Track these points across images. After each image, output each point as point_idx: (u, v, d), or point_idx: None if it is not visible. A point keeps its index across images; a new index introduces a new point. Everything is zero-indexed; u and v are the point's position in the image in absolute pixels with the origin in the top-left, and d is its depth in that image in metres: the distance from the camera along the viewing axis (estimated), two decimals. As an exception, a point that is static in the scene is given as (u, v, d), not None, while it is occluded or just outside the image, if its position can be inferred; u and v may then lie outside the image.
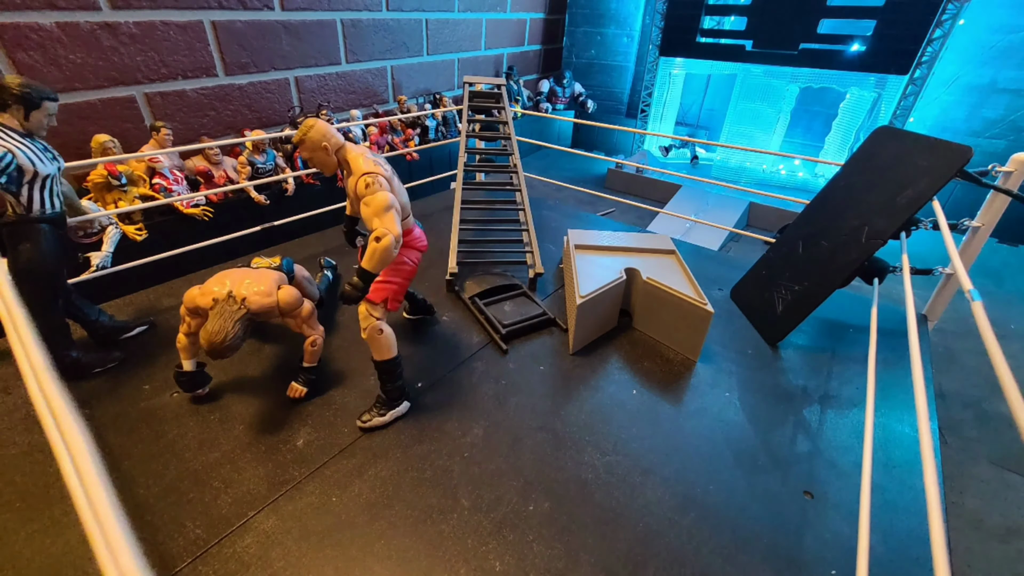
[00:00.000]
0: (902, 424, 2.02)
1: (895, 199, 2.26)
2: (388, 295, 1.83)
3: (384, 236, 1.60)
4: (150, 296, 2.63)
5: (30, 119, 1.75)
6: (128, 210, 3.30)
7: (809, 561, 1.49)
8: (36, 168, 1.75)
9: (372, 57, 5.57)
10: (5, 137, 1.68)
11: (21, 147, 1.71)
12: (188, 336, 1.89)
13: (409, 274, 1.92)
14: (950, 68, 5.96)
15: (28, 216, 1.77)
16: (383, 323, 1.81)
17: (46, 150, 1.82)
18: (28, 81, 1.74)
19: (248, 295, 1.79)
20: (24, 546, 1.42)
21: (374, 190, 1.66)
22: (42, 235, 1.80)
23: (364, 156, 1.74)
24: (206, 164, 4.00)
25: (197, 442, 1.77)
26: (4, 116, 1.72)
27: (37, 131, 1.79)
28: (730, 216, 6.08)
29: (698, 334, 2.27)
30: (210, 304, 1.77)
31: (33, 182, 1.76)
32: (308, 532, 1.48)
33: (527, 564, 1.43)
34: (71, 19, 3.36)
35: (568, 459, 1.78)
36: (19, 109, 1.72)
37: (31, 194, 1.76)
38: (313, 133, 1.70)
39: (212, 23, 4.07)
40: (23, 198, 1.75)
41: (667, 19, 7.25)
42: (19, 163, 1.69)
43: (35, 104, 1.74)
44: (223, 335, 1.67)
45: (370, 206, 1.65)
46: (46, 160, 1.80)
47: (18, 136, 1.72)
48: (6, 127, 1.71)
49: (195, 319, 1.86)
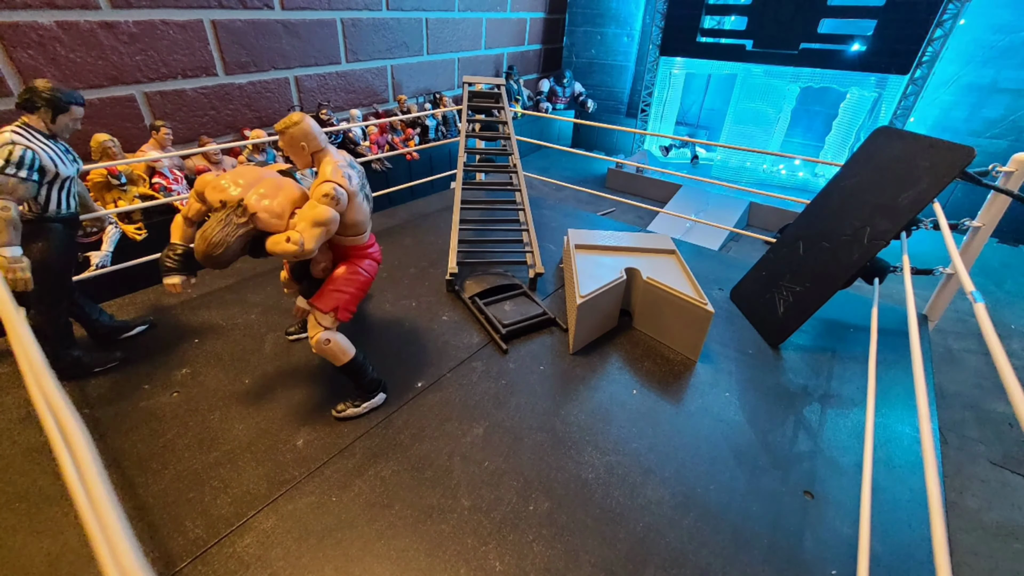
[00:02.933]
0: (902, 424, 2.02)
1: (897, 200, 2.26)
2: (339, 304, 1.78)
3: (296, 244, 1.57)
4: (150, 296, 2.63)
5: (56, 122, 1.77)
6: (128, 209, 3.29)
7: (809, 561, 1.49)
8: (58, 169, 1.76)
9: (372, 56, 5.56)
10: (29, 137, 1.69)
11: (45, 148, 1.72)
12: (186, 220, 1.75)
13: (364, 285, 1.88)
14: (951, 68, 5.96)
15: (43, 215, 1.78)
16: (331, 332, 1.78)
17: (67, 152, 1.84)
18: (58, 85, 1.76)
19: (259, 210, 1.60)
20: (24, 546, 1.42)
21: (324, 202, 1.62)
22: (55, 235, 1.82)
23: (336, 165, 1.69)
24: (206, 163, 4.00)
25: (196, 442, 1.77)
26: (32, 118, 1.73)
27: (61, 134, 1.81)
28: (730, 216, 6.08)
29: (698, 334, 2.26)
30: (217, 204, 1.61)
31: (53, 183, 1.77)
32: (308, 532, 1.48)
33: (527, 564, 1.43)
34: (71, 18, 3.36)
35: (568, 459, 1.77)
36: (47, 112, 1.74)
37: (49, 194, 1.77)
38: (295, 129, 1.67)
39: (212, 22, 4.07)
40: (40, 198, 1.76)
41: (667, 19, 7.25)
42: (42, 163, 1.71)
43: (63, 108, 1.76)
44: (222, 248, 1.52)
45: (308, 212, 1.62)
46: (67, 162, 1.82)
47: (42, 137, 1.74)
48: (32, 128, 1.73)
49: (199, 205, 1.73)
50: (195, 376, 2.08)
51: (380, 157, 4.90)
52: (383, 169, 5.21)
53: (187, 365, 2.14)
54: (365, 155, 4.93)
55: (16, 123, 1.70)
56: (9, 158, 1.62)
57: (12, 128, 1.68)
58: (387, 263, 3.06)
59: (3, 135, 1.64)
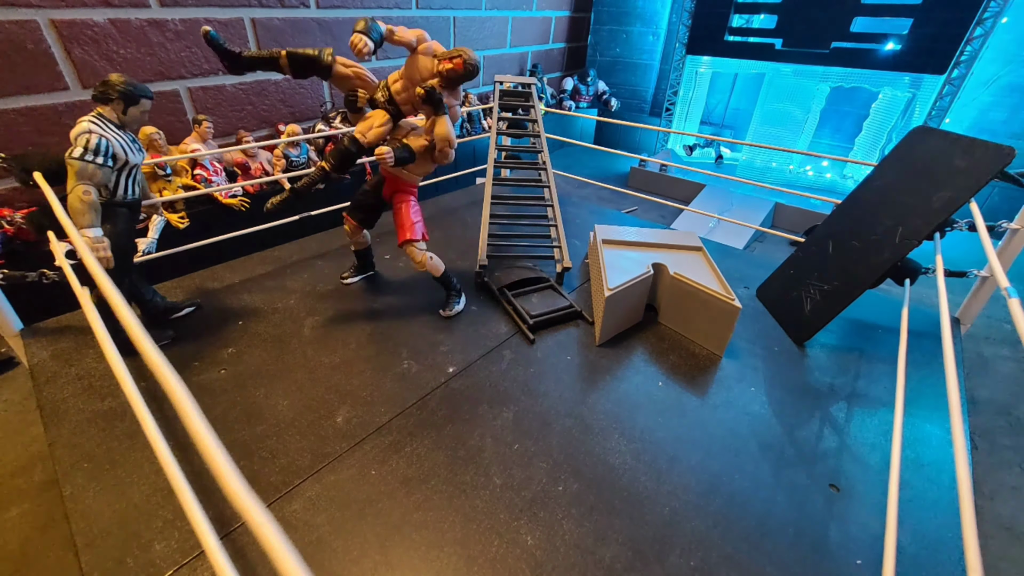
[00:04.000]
0: (932, 424, 2.01)
1: (931, 200, 2.24)
2: (423, 229, 2.38)
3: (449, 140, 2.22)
4: (195, 280, 2.77)
5: (128, 114, 1.90)
6: (172, 199, 3.46)
7: (834, 550, 1.51)
8: (128, 157, 1.90)
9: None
10: (104, 127, 1.83)
11: (117, 137, 1.86)
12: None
13: (420, 211, 2.44)
14: (990, 68, 5.77)
15: (113, 200, 1.92)
16: (428, 252, 2.42)
17: (134, 141, 1.97)
18: (131, 79, 1.89)
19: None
20: (92, 503, 1.54)
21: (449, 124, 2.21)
22: (121, 218, 1.95)
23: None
24: (243, 156, 4.16)
25: (244, 415, 1.88)
26: (106, 109, 1.86)
27: (131, 125, 1.94)
28: (755, 216, 6.02)
29: (725, 329, 2.29)
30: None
31: (122, 170, 1.90)
32: (350, 500, 1.57)
33: (557, 539, 1.49)
34: (123, 16, 3.54)
35: (596, 444, 1.83)
36: (120, 104, 1.86)
37: (118, 180, 1.91)
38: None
39: (251, 20, 4.22)
40: (110, 184, 1.89)
41: (695, 17, 7.19)
42: (114, 151, 1.84)
43: (135, 100, 1.89)
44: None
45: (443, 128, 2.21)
46: (135, 151, 1.95)
47: (114, 127, 1.87)
48: (105, 118, 1.86)
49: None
50: (240, 355, 2.20)
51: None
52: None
53: (232, 345, 2.26)
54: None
55: (92, 113, 1.84)
56: (87, 146, 1.75)
57: (89, 118, 1.81)
58: (417, 254, 3.15)
59: (81, 124, 1.78)
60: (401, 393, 2.02)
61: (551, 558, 1.44)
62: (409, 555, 1.44)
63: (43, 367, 2.07)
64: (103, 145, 1.79)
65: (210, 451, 0.77)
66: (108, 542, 1.43)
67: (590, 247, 3.07)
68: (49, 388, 1.97)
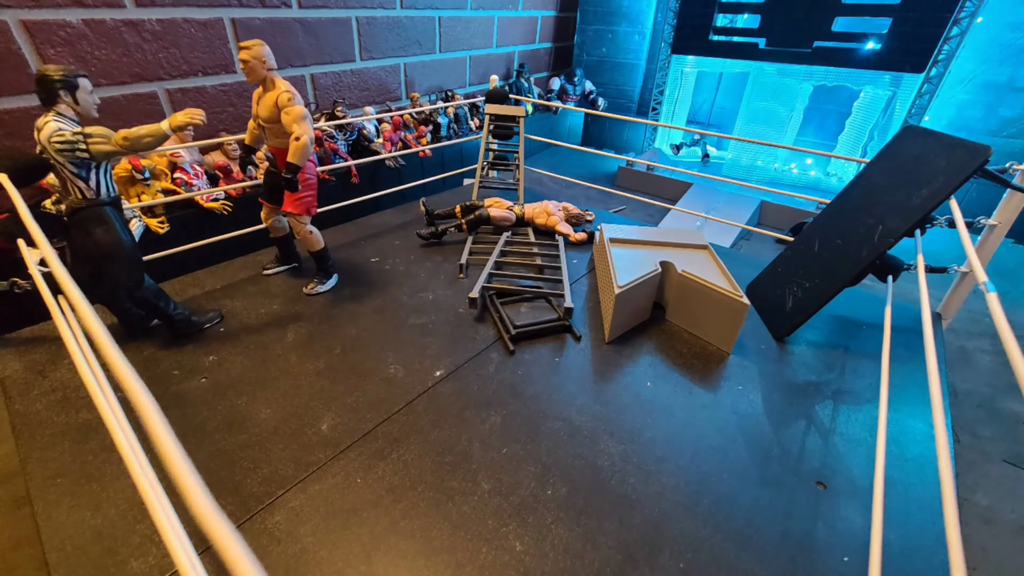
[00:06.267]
0: (915, 419, 2.03)
1: (910, 198, 2.27)
2: (308, 204, 2.51)
3: (302, 136, 2.22)
4: (175, 286, 2.71)
5: (78, 101, 1.81)
6: (151, 204, 3.38)
7: (822, 548, 1.52)
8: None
9: (386, 55, 5.62)
10: (68, 124, 1.76)
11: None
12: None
13: (315, 185, 2.54)
14: (967, 66, 5.89)
15: (98, 200, 1.85)
16: (310, 226, 2.56)
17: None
18: (58, 65, 1.80)
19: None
20: (66, 519, 1.49)
21: (294, 103, 2.23)
22: (112, 218, 1.90)
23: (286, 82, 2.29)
24: (225, 159, 4.08)
25: (226, 424, 1.84)
26: (60, 106, 1.78)
27: (88, 112, 1.86)
28: (741, 215, 6.07)
29: (733, 326, 2.30)
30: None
31: (99, 167, 1.85)
32: (335, 510, 1.54)
33: (546, 545, 1.47)
34: (98, 16, 3.45)
35: (584, 447, 1.82)
36: (67, 94, 1.78)
37: (99, 179, 1.85)
38: (259, 48, 2.20)
39: (232, 20, 4.15)
40: (92, 183, 1.83)
41: (680, 17, 7.23)
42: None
43: (75, 84, 1.80)
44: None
45: (290, 115, 2.22)
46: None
47: (77, 125, 1.80)
48: (66, 116, 1.78)
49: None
50: (221, 363, 2.15)
51: (394, 155, 4.96)
52: (396, 166, 5.28)
53: (213, 352, 2.21)
54: (379, 152, 4.99)
55: (50, 114, 1.76)
56: (68, 138, 1.70)
57: (52, 118, 1.74)
58: (403, 257, 3.12)
59: (49, 124, 1.72)
60: (387, 399, 1.99)
61: (540, 564, 1.43)
62: (395, 564, 1.41)
63: (15, 379, 2.01)
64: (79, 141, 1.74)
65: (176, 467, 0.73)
66: (82, 559, 1.39)
67: (596, 246, 3.07)
68: (22, 401, 1.90)
